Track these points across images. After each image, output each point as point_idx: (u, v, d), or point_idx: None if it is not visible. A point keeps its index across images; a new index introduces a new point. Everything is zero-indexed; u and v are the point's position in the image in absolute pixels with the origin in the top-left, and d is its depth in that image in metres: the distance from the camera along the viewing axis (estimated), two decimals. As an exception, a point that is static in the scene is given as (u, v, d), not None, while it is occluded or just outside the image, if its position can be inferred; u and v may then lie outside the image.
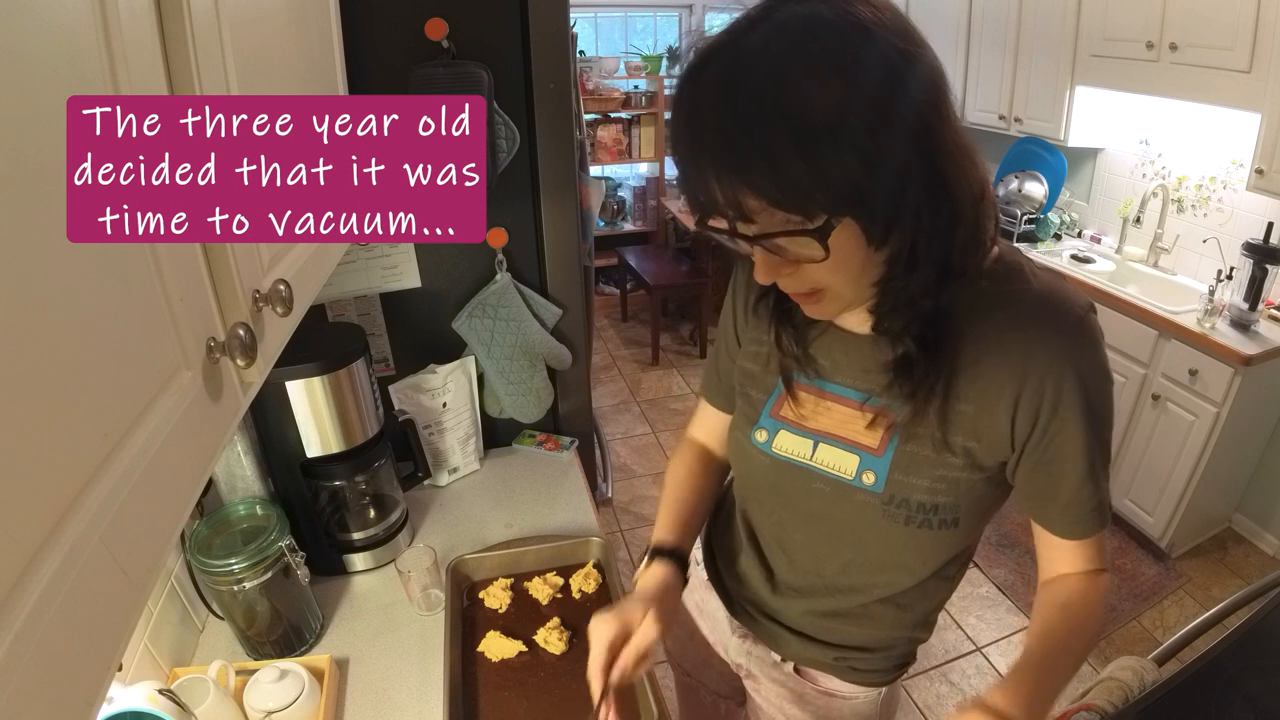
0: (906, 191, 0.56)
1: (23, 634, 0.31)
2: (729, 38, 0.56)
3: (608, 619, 0.77)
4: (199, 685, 0.90)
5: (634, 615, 0.77)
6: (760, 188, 0.54)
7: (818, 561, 0.84)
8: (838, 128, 0.52)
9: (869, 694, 0.90)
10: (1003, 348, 0.66)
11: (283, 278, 0.65)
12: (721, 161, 0.55)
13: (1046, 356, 0.65)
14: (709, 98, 0.55)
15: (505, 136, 1.31)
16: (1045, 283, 0.68)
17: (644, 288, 4.03)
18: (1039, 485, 0.72)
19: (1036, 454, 0.69)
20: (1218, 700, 0.86)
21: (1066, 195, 3.17)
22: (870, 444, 0.74)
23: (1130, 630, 2.27)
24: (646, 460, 3.18)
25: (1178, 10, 2.25)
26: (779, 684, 0.95)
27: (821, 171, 0.53)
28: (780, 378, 0.80)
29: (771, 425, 0.82)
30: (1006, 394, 0.67)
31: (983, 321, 0.67)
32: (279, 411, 1.09)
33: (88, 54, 0.39)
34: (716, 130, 0.54)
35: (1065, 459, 0.69)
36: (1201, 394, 2.25)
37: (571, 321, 1.54)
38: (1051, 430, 0.67)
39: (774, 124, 0.52)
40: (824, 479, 0.78)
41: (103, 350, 0.40)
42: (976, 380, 0.68)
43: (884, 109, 0.53)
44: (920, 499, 0.73)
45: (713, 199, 0.57)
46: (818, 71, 0.52)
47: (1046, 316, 0.66)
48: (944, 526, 0.74)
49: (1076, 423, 0.67)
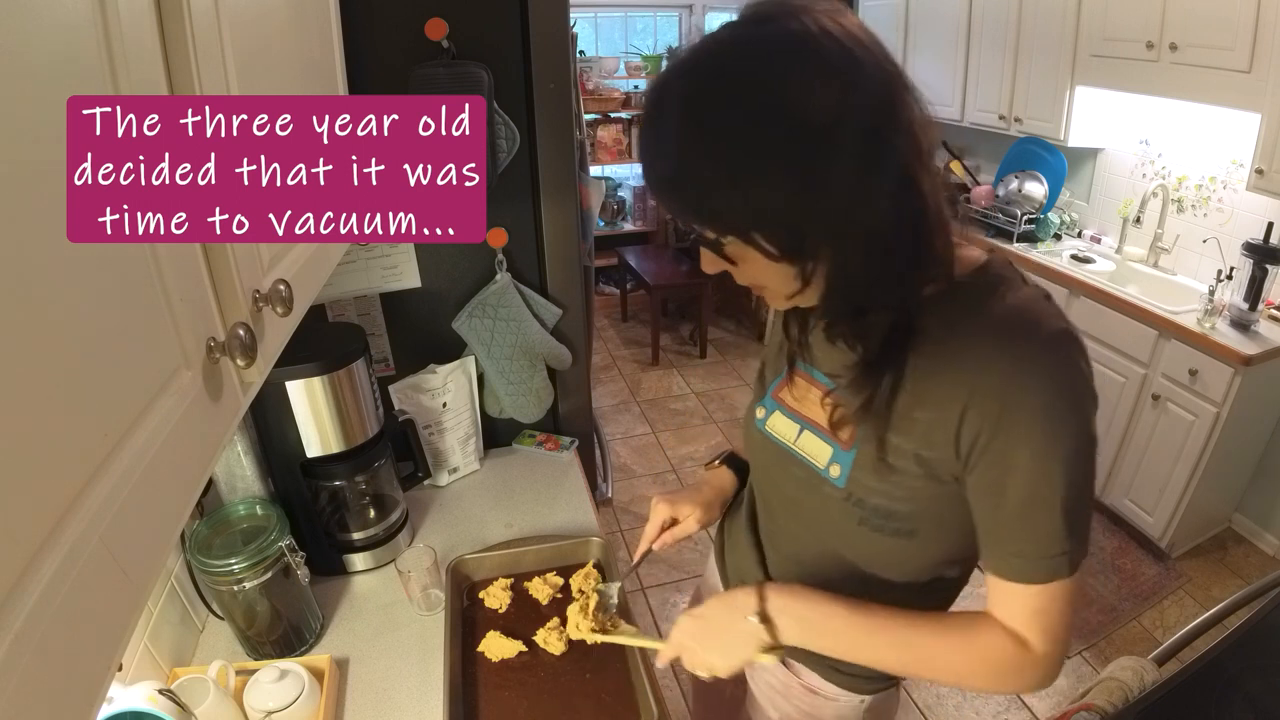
0: (798, 223, 0.58)
1: (23, 634, 0.31)
2: (665, 72, 0.60)
3: (666, 503, 0.99)
4: (199, 685, 0.90)
5: (683, 509, 0.98)
6: (668, 204, 0.62)
7: (797, 549, 0.86)
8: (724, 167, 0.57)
9: (851, 699, 0.90)
10: (960, 360, 0.64)
11: (283, 278, 0.65)
12: (647, 177, 0.63)
13: (998, 375, 0.62)
14: (645, 118, 0.62)
15: (505, 136, 1.31)
16: (1021, 299, 0.65)
17: (644, 288, 4.04)
18: (981, 510, 0.68)
19: (977, 474, 0.66)
20: (1218, 700, 0.86)
21: (1066, 195, 3.17)
22: (841, 436, 0.75)
23: (1130, 630, 2.27)
24: (646, 460, 3.18)
25: (1178, 10, 2.25)
26: (769, 673, 0.97)
27: (703, 203, 0.60)
28: (787, 361, 0.83)
29: (770, 405, 0.85)
30: (957, 406, 0.64)
31: (950, 332, 0.65)
32: (279, 411, 1.09)
33: (88, 53, 0.39)
34: (644, 148, 0.62)
35: (1003, 489, 0.65)
36: (1201, 394, 2.25)
37: (571, 321, 1.54)
38: (992, 452, 0.64)
39: (671, 158, 0.59)
40: (801, 465, 0.79)
41: (103, 350, 0.40)
42: (933, 389, 0.66)
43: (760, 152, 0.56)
44: (876, 502, 0.72)
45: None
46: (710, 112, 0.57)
47: (1008, 334, 0.63)
48: (899, 535, 0.73)
49: (1022, 450, 0.62)
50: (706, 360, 4.09)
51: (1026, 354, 0.62)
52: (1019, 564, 0.66)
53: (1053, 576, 0.65)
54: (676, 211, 0.63)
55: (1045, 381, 0.61)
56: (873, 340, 0.66)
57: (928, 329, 0.66)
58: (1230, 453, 2.33)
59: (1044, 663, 0.68)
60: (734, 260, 0.64)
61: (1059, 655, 0.69)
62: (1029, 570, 0.66)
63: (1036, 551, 0.65)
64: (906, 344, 0.66)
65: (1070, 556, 0.65)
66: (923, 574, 0.78)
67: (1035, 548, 0.65)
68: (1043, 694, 2.06)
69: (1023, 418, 0.62)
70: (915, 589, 0.79)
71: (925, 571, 0.78)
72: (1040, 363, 0.62)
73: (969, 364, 0.64)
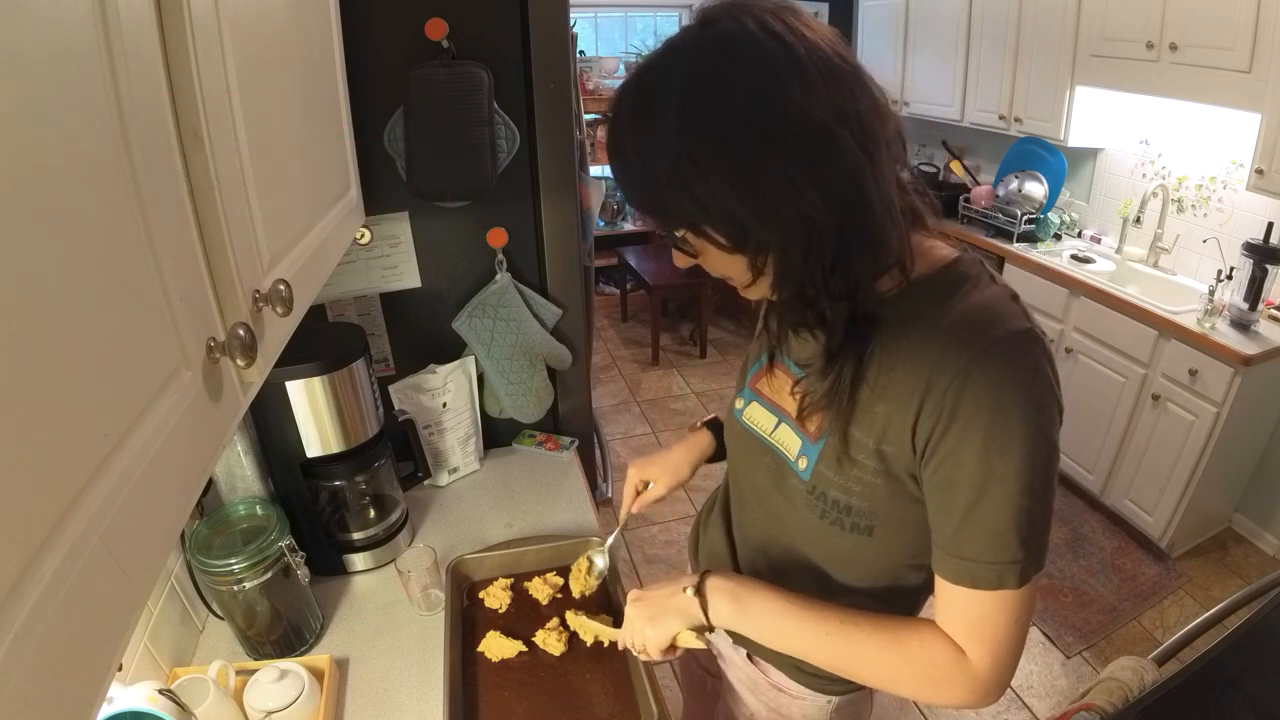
0: (733, 215, 0.60)
1: (23, 634, 0.31)
2: (626, 76, 0.66)
3: (637, 467, 1.05)
4: (199, 685, 0.90)
5: (652, 471, 1.04)
6: (629, 202, 0.67)
7: (764, 543, 0.86)
8: (669, 165, 0.59)
9: (818, 699, 0.89)
10: (918, 354, 0.64)
11: (283, 278, 0.65)
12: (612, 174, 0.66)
13: (952, 370, 0.61)
14: (610, 119, 0.65)
15: (505, 136, 1.32)
16: (984, 298, 0.65)
17: (644, 288, 4.04)
18: (933, 510, 0.67)
19: (929, 471, 0.66)
20: (1218, 700, 0.86)
21: (1066, 195, 3.17)
22: (809, 428, 0.76)
23: (1130, 630, 2.27)
24: (646, 460, 3.18)
25: (1178, 10, 2.25)
26: (739, 669, 0.97)
27: (656, 199, 0.63)
28: (765, 351, 0.84)
29: (747, 395, 0.86)
30: (913, 400, 0.64)
31: (911, 326, 0.65)
32: (279, 411, 1.09)
33: (88, 53, 0.39)
34: (607, 147, 0.65)
35: (953, 486, 0.63)
36: (1201, 394, 2.25)
37: (571, 321, 1.54)
38: (944, 448, 0.63)
39: (627, 155, 0.63)
40: (773, 456, 0.80)
41: (103, 350, 0.40)
42: (893, 383, 0.66)
43: (695, 150, 0.58)
44: (836, 495, 0.73)
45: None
46: (656, 115, 0.60)
47: (966, 330, 0.62)
48: (857, 531, 0.73)
49: (972, 446, 0.61)
50: (706, 360, 4.09)
51: (983, 350, 0.61)
52: (964, 566, 0.65)
53: (999, 585, 0.63)
54: (637, 209, 0.66)
55: (1001, 379, 0.60)
56: (834, 330, 0.67)
57: (890, 323, 0.66)
58: (1230, 453, 2.33)
59: (982, 678, 0.66)
60: (695, 253, 0.67)
61: (1000, 674, 0.66)
62: (974, 574, 0.64)
63: (984, 556, 0.63)
64: (868, 336, 0.67)
65: (1021, 568, 0.62)
66: (882, 577, 0.78)
67: (983, 552, 0.63)
68: (1043, 694, 2.05)
69: (976, 414, 0.60)
70: (875, 594, 0.79)
71: (885, 575, 0.78)
72: (996, 360, 0.60)
73: (927, 358, 0.63)
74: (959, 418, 0.61)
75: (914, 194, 0.69)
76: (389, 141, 1.27)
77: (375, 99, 1.22)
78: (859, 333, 0.67)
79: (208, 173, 0.53)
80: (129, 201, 0.43)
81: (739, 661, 0.97)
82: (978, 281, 0.67)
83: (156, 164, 0.46)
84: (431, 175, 1.27)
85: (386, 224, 1.35)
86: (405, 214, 1.35)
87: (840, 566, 0.79)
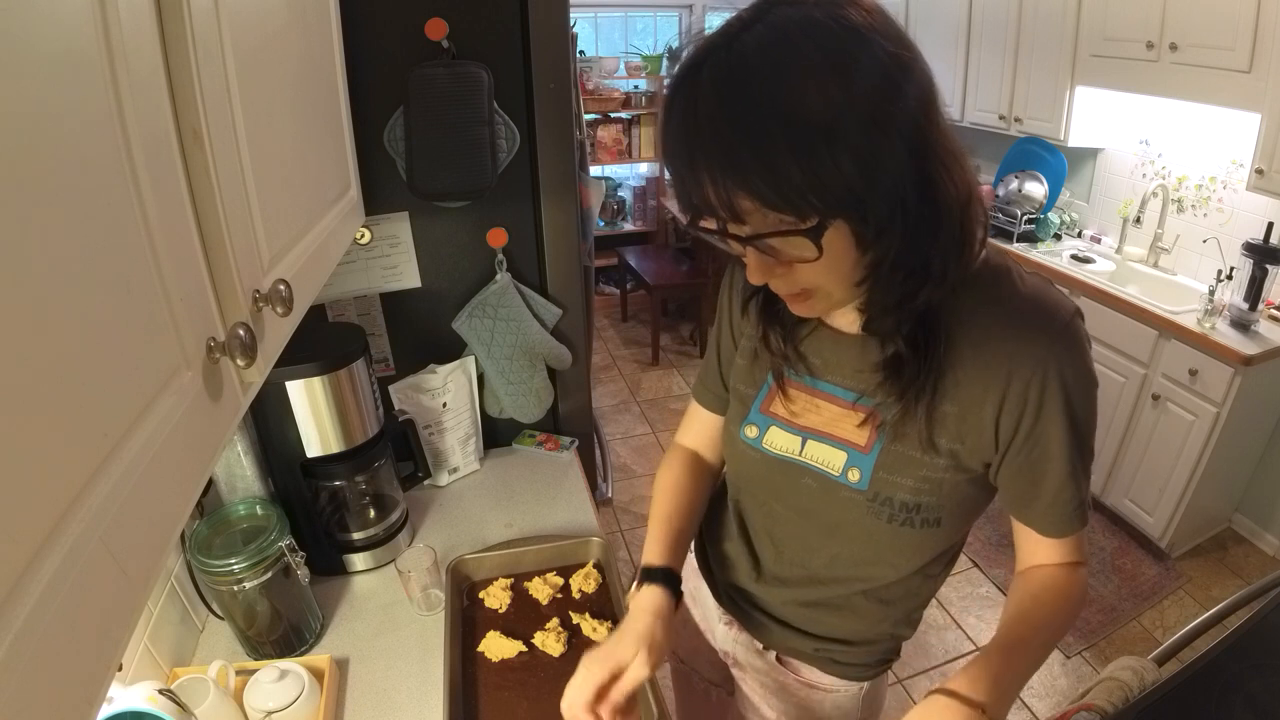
0: (898, 194, 0.56)
1: (23, 634, 0.31)
2: (723, 39, 0.55)
3: (599, 659, 0.76)
4: (199, 685, 0.90)
5: (625, 654, 0.76)
6: (755, 189, 0.54)
7: (806, 554, 0.85)
8: (834, 130, 0.52)
9: (850, 688, 0.90)
10: (988, 350, 0.66)
11: (283, 278, 0.65)
12: (717, 163, 0.55)
13: (1031, 360, 0.65)
14: (704, 99, 0.54)
15: (505, 136, 1.31)
16: (1033, 286, 0.68)
17: (644, 288, 4.03)
18: (1021, 487, 0.72)
19: (1020, 456, 0.70)
20: (1218, 700, 0.86)
21: (1066, 195, 3.17)
22: (858, 441, 0.75)
23: (1130, 630, 2.27)
24: (646, 460, 3.18)
25: (1178, 10, 2.25)
26: (762, 673, 0.96)
27: (817, 173, 0.53)
28: (770, 374, 0.81)
29: (762, 421, 0.83)
30: (991, 396, 0.67)
31: (970, 324, 0.67)
32: (279, 411, 1.09)
33: (87, 53, 0.39)
34: (712, 132, 0.54)
35: (1048, 461, 0.69)
36: (1201, 394, 2.25)
37: (571, 321, 1.54)
38: (1035, 433, 0.68)
39: (770, 126, 0.52)
40: (813, 474, 0.79)
41: (103, 350, 0.40)
42: (962, 382, 0.68)
43: (879, 112, 0.53)
44: (904, 498, 0.73)
45: (705, 200, 0.57)
46: (814, 73, 0.52)
47: (1032, 320, 0.66)
48: (926, 525, 0.74)
49: (1059, 426, 0.67)
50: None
51: (1054, 338, 0.65)
52: (1075, 519, 0.73)
53: (1085, 522, 0.75)
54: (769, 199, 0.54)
55: (1073, 356, 0.66)
56: (915, 335, 0.67)
57: (945, 323, 0.67)
58: (1230, 453, 2.33)
59: (1086, 567, 0.78)
60: (820, 252, 0.58)
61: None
62: (1079, 521, 0.74)
63: (1078, 505, 0.72)
64: (937, 341, 0.67)
65: (1086, 499, 0.74)
66: (937, 559, 0.81)
67: (1078, 503, 0.72)
68: (1042, 694, 2.06)
69: (1059, 396, 0.66)
70: (921, 574, 0.82)
71: (940, 555, 0.81)
72: (1066, 342, 0.65)
73: (999, 354, 0.66)
74: (1046, 404, 0.66)
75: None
76: (389, 141, 1.27)
77: (375, 99, 1.22)
78: (928, 340, 0.66)
79: (208, 173, 0.53)
80: (129, 201, 0.43)
81: (764, 666, 0.95)
82: (1015, 271, 0.69)
83: (156, 164, 0.46)
84: (431, 175, 1.27)
85: (386, 224, 1.35)
86: (405, 214, 1.35)
87: (906, 559, 0.79)
